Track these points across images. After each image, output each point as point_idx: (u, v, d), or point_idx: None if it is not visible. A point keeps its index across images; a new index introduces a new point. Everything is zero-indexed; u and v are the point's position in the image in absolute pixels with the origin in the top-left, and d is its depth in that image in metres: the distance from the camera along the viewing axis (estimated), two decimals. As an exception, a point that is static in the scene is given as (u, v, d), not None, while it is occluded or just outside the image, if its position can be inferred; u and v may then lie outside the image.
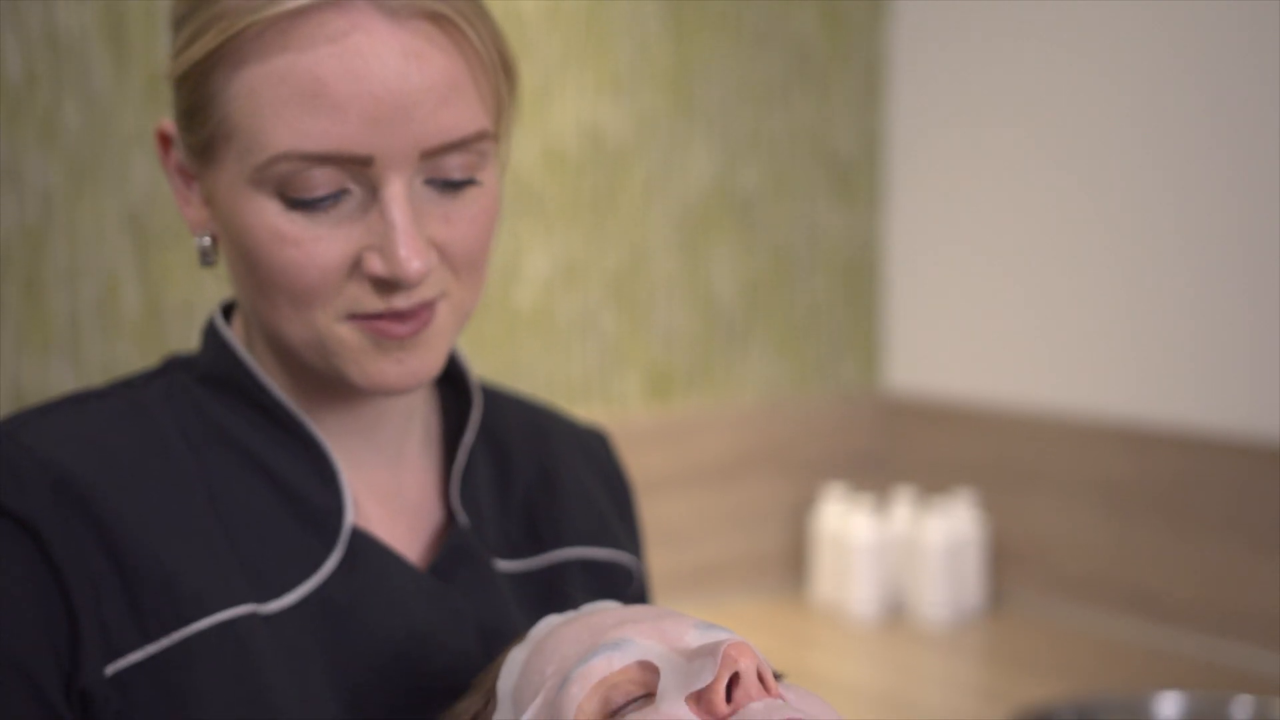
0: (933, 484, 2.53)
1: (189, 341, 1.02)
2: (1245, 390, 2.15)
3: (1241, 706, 1.97)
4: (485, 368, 2.06)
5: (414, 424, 1.06)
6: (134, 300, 1.91)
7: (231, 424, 0.99)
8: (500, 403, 1.14)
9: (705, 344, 2.44)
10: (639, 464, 1.58)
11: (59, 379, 1.85)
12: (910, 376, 2.61)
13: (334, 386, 0.99)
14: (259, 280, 0.94)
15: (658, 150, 2.36)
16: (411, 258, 0.91)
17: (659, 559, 2.04)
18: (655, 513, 2.01)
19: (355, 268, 0.93)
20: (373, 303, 0.93)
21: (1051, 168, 2.37)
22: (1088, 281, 2.33)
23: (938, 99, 2.53)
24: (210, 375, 1.01)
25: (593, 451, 1.18)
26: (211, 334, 1.03)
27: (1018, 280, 2.43)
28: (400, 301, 0.93)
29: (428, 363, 0.97)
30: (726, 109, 2.42)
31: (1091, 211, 2.32)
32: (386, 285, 0.93)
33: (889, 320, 2.63)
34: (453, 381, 1.11)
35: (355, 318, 0.94)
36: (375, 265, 0.92)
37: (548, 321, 2.27)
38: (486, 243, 0.97)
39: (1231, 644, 2.15)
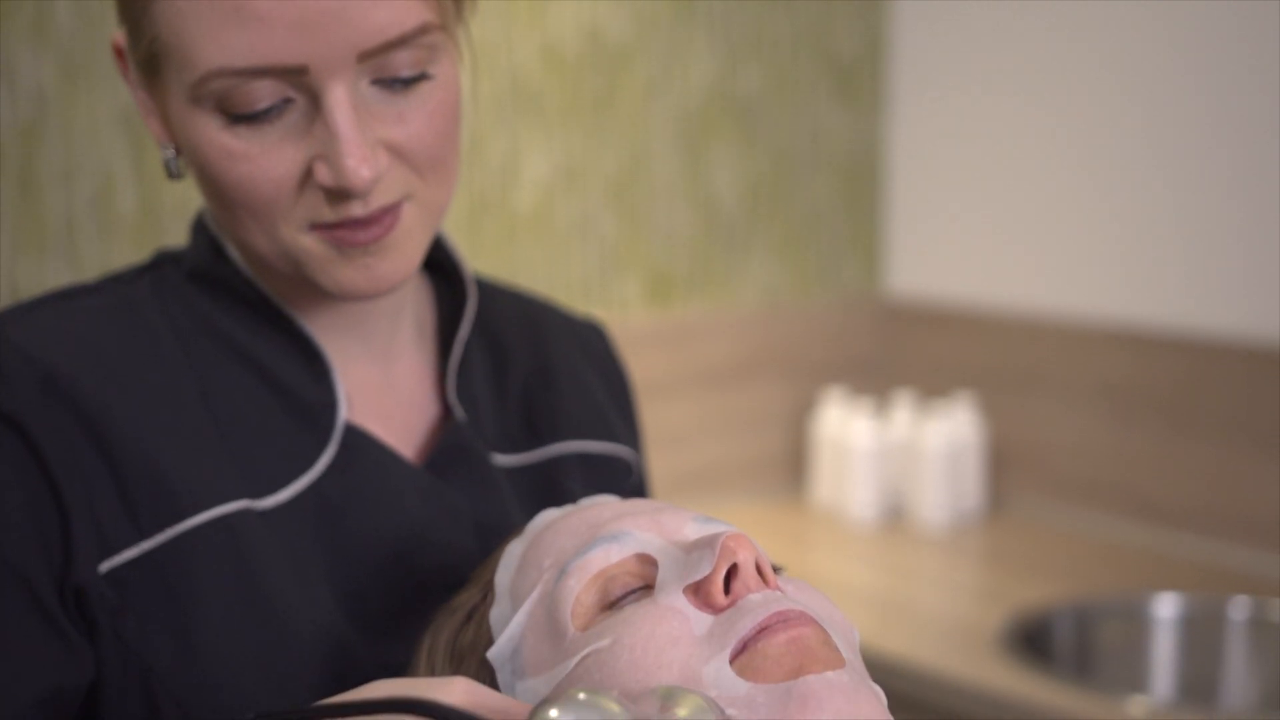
0: (933, 388, 2.53)
1: (185, 241, 1.01)
2: (1246, 293, 2.14)
3: (1239, 607, 1.98)
4: (484, 270, 2.04)
5: (404, 319, 1.05)
6: (130, 199, 1.90)
7: (221, 319, 0.98)
8: (495, 296, 1.12)
9: (706, 247, 2.43)
10: (639, 367, 1.57)
11: (55, 278, 1.84)
12: (911, 280, 2.60)
13: (314, 286, 0.97)
14: (218, 195, 0.93)
15: (658, 51, 2.33)
16: (359, 166, 0.88)
17: (659, 462, 2.04)
18: (656, 416, 2.01)
19: (309, 177, 0.90)
20: (330, 212, 0.91)
21: (1055, 70, 2.34)
22: (1089, 185, 2.32)
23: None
24: (199, 270, 1.00)
25: (589, 344, 1.17)
26: (200, 230, 1.02)
27: (1019, 183, 2.41)
28: (357, 209, 0.91)
29: (399, 266, 0.94)
30: (728, 9, 2.39)
31: (1094, 114, 2.30)
32: (339, 194, 0.90)
33: (890, 224, 2.62)
34: (446, 274, 1.09)
35: (317, 228, 0.92)
36: (324, 175, 0.90)
37: (547, 225, 2.26)
38: (449, 137, 0.94)
39: (1230, 546, 2.16)
